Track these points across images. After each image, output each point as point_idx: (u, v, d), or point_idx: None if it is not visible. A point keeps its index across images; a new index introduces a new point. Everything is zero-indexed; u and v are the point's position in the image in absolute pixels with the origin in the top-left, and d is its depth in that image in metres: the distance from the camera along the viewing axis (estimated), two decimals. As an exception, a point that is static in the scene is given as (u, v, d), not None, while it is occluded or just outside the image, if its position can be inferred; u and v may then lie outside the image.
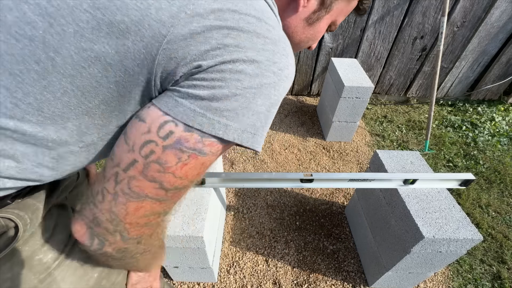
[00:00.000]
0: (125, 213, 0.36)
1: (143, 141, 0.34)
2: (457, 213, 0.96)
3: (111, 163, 0.36)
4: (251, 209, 1.58)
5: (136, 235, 0.39)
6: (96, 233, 0.38)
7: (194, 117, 0.33)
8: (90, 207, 0.37)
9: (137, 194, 0.35)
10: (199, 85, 0.33)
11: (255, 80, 0.34)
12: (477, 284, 1.30)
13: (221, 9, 0.33)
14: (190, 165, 0.35)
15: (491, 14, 1.98)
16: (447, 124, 2.33)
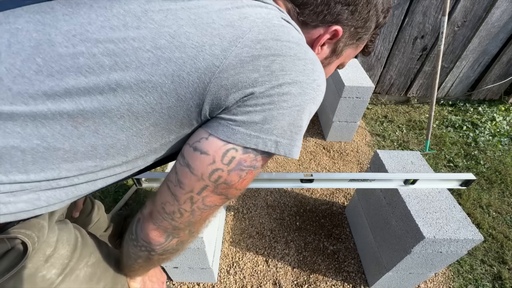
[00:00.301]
0: (199, 218, 0.45)
1: (211, 170, 0.39)
2: (458, 213, 0.96)
3: (182, 190, 0.41)
4: (251, 209, 1.58)
5: (198, 230, 0.50)
6: (172, 233, 0.46)
7: (250, 139, 0.38)
8: (167, 221, 0.44)
9: (209, 206, 0.44)
10: (252, 111, 0.37)
11: (298, 98, 0.39)
12: (478, 284, 1.30)
13: (266, 39, 0.37)
14: (247, 179, 0.42)
15: (492, 13, 1.98)
16: (447, 124, 2.32)
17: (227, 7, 0.39)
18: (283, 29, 0.40)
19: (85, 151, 0.38)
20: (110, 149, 0.39)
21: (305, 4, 0.47)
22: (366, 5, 0.48)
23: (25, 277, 0.43)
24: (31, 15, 0.35)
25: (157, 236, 0.46)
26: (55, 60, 0.33)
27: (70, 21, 0.35)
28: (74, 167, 0.39)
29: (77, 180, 0.40)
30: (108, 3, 0.36)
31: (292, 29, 0.42)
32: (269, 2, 0.43)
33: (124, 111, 0.36)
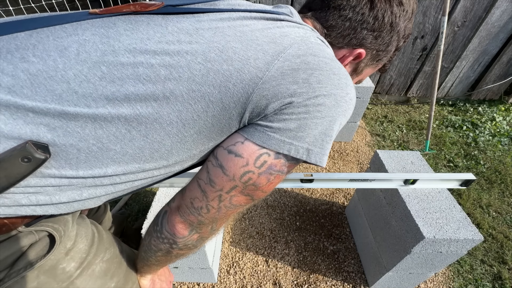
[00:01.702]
0: (223, 216, 0.47)
1: (243, 172, 0.42)
2: (458, 213, 0.96)
3: (213, 188, 0.44)
4: (251, 209, 1.58)
5: (219, 227, 0.51)
6: (197, 227, 0.49)
7: (284, 146, 0.41)
8: (194, 215, 0.47)
9: (235, 205, 0.46)
10: (288, 119, 0.40)
11: (332, 110, 0.42)
12: (478, 284, 1.30)
13: (304, 54, 0.41)
14: (274, 183, 0.45)
15: (492, 13, 1.98)
16: (447, 124, 2.32)
17: (269, 27, 0.43)
18: (319, 46, 0.43)
19: (133, 153, 0.41)
20: (155, 152, 0.42)
21: (333, 27, 0.51)
22: (390, 31, 0.52)
23: (47, 268, 0.46)
24: (97, 29, 0.39)
25: (182, 228, 0.49)
26: (118, 69, 0.37)
27: (131, 36, 0.39)
28: (120, 167, 0.41)
29: (118, 179, 0.43)
30: (163, 21, 0.41)
31: (326, 47, 0.46)
32: (305, 24, 0.47)
33: (174, 117, 0.40)
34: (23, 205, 0.40)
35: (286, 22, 0.45)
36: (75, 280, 0.50)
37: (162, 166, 0.45)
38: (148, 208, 0.95)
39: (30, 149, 0.35)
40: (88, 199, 0.44)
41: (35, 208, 0.41)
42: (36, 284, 0.45)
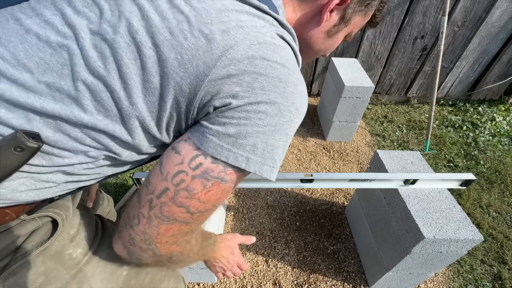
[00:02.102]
0: (156, 234, 0.41)
1: (176, 171, 0.39)
2: (458, 213, 0.96)
3: (146, 190, 0.41)
4: (251, 209, 1.58)
5: (166, 252, 0.45)
6: (131, 251, 0.44)
7: (222, 151, 0.38)
8: (126, 229, 0.43)
9: (167, 217, 0.41)
10: (228, 122, 0.38)
11: (274, 119, 0.39)
12: (478, 284, 1.30)
13: (254, 56, 0.38)
14: (212, 191, 0.40)
15: (492, 13, 1.98)
16: (447, 124, 2.32)
17: (228, 8, 0.39)
18: (273, 47, 0.40)
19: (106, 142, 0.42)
20: (125, 144, 0.43)
21: None
22: None
23: (52, 253, 0.47)
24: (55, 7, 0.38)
25: (118, 248, 0.45)
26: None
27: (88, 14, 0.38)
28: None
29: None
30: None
31: (282, 48, 0.41)
32: (269, 12, 0.42)
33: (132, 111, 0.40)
34: (21, 191, 0.40)
35: (247, 5, 0.41)
36: (83, 267, 0.50)
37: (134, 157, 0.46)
38: (148, 208, 0.95)
39: (21, 138, 0.35)
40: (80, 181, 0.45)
41: (33, 193, 0.42)
42: (43, 269, 0.45)
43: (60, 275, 0.47)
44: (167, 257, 0.47)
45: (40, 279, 0.45)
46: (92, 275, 0.50)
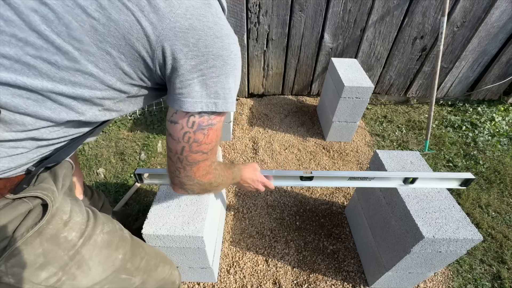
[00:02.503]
0: (194, 174, 0.60)
1: (182, 134, 0.54)
2: (457, 213, 0.96)
3: (172, 153, 0.57)
4: (251, 209, 1.58)
5: (206, 180, 0.64)
6: (186, 188, 0.64)
7: (197, 105, 0.51)
8: (175, 179, 0.61)
9: (194, 162, 0.58)
10: (191, 83, 0.50)
11: (222, 69, 0.51)
12: (477, 284, 1.30)
13: (191, 17, 0.46)
14: (210, 134, 0.56)
15: (491, 14, 1.98)
16: (447, 124, 2.33)
17: None
18: (204, 8, 0.48)
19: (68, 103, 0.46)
20: (88, 101, 0.47)
21: None
22: None
23: (48, 236, 0.50)
24: None
25: (179, 191, 0.65)
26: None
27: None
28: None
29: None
30: None
31: (209, 7, 0.49)
32: None
33: (92, 68, 0.44)
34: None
35: None
36: (80, 249, 0.54)
37: (99, 113, 0.51)
38: (149, 208, 0.95)
39: None
40: (51, 144, 0.50)
41: (6, 160, 0.44)
42: (41, 250, 0.49)
43: (58, 256, 0.51)
44: (209, 183, 0.65)
45: (40, 260, 0.48)
46: (90, 257, 0.55)
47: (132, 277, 0.65)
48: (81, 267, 0.54)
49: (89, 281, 0.55)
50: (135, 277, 0.66)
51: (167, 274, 0.79)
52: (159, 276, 0.75)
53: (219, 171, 0.69)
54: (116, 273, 0.60)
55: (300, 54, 2.27)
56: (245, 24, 2.05)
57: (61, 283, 0.51)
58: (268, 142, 2.06)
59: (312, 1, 1.95)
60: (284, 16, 2.02)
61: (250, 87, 2.51)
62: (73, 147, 0.55)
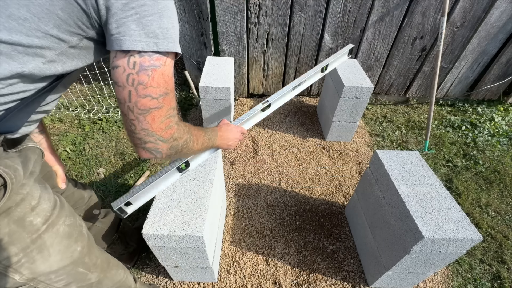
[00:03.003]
0: (149, 125, 0.56)
1: (125, 77, 0.52)
2: (457, 213, 0.96)
3: (121, 105, 0.54)
4: (251, 209, 1.58)
5: (168, 136, 0.60)
6: (148, 148, 0.59)
7: (136, 44, 0.50)
8: (133, 137, 0.57)
9: (145, 109, 0.54)
10: (126, 22, 0.50)
11: (154, 8, 0.51)
12: (477, 284, 1.30)
13: None
14: (155, 76, 0.53)
15: (491, 14, 1.98)
16: (446, 124, 2.33)
17: None
18: None
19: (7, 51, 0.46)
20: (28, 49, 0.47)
21: None
22: None
23: (16, 218, 0.52)
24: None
25: (143, 154, 0.61)
26: None
27: None
28: None
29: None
30: None
31: None
32: None
33: (25, 13, 0.45)
34: None
35: None
36: (42, 235, 0.55)
37: (43, 66, 0.50)
38: (149, 208, 0.96)
39: None
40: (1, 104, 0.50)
41: None
42: (7, 230, 0.50)
43: (21, 238, 0.52)
44: (173, 140, 0.62)
45: (6, 239, 0.50)
46: (51, 244, 0.57)
47: (89, 273, 0.67)
48: (42, 252, 0.55)
49: (47, 267, 0.56)
50: (92, 273, 0.67)
51: (122, 278, 0.81)
52: (115, 278, 0.77)
53: (184, 128, 0.67)
54: (73, 265, 0.62)
55: (300, 54, 2.27)
56: (245, 24, 2.05)
57: (20, 264, 0.52)
58: (268, 142, 2.06)
59: (312, 1, 1.95)
60: (284, 16, 2.03)
61: (250, 87, 2.51)
62: (27, 112, 0.55)
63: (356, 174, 1.84)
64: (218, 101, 1.79)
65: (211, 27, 2.08)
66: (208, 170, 1.08)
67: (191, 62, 2.34)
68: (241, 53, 2.23)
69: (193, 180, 1.04)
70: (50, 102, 0.62)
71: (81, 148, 1.96)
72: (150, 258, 1.34)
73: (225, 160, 1.91)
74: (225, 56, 2.22)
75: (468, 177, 1.84)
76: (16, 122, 0.55)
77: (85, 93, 2.48)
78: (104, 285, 0.72)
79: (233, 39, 2.14)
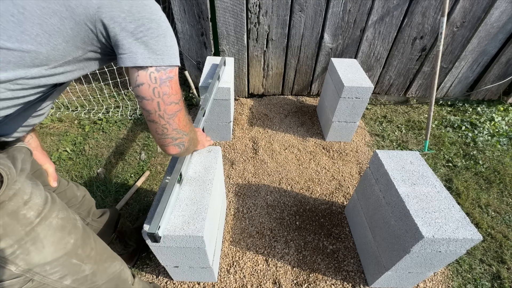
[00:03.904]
0: (177, 125, 0.72)
1: (152, 91, 0.63)
2: (457, 213, 0.96)
3: (152, 115, 0.66)
4: (251, 209, 1.58)
5: (188, 130, 0.78)
6: (178, 144, 0.77)
7: (147, 60, 0.60)
8: (165, 138, 0.73)
9: (172, 114, 0.68)
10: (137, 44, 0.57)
11: (158, 30, 0.59)
12: (477, 284, 1.30)
13: None
14: (172, 85, 0.65)
15: (491, 14, 1.98)
16: (446, 124, 2.33)
17: None
18: None
19: (15, 61, 0.50)
20: (34, 60, 0.52)
21: None
22: None
23: (9, 211, 0.54)
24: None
25: (172, 150, 0.78)
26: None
27: None
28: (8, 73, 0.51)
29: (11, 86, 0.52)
30: None
31: None
32: None
33: (38, 30, 0.50)
34: None
35: None
36: (35, 227, 0.57)
37: (46, 72, 0.55)
38: (149, 207, 0.96)
39: None
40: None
41: None
42: (1, 222, 0.53)
43: (16, 230, 0.54)
44: (191, 132, 0.81)
45: (0, 231, 0.52)
46: (45, 237, 0.59)
47: (83, 264, 0.68)
48: (36, 243, 0.57)
49: (41, 258, 0.58)
50: (86, 265, 0.69)
51: (117, 270, 0.81)
52: (109, 270, 0.78)
53: (190, 121, 0.83)
54: (67, 256, 0.64)
55: (300, 54, 2.27)
56: (245, 24, 2.05)
57: (15, 256, 0.55)
58: (268, 142, 2.06)
59: (312, 1, 1.95)
60: (284, 17, 2.03)
61: (250, 87, 2.51)
62: (24, 116, 0.59)
63: (356, 174, 1.84)
64: (218, 101, 1.79)
65: (211, 27, 2.08)
66: (208, 170, 1.08)
67: (191, 62, 2.34)
68: (241, 53, 2.23)
69: (193, 180, 1.04)
70: (45, 107, 0.67)
71: (81, 148, 1.96)
72: (150, 258, 1.34)
73: (225, 160, 1.91)
74: (225, 56, 2.22)
75: (468, 177, 1.84)
76: (13, 126, 0.57)
77: (85, 93, 2.48)
78: (98, 277, 0.73)
79: (233, 39, 2.14)
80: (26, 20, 0.48)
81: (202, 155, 1.15)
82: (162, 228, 0.86)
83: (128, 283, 0.87)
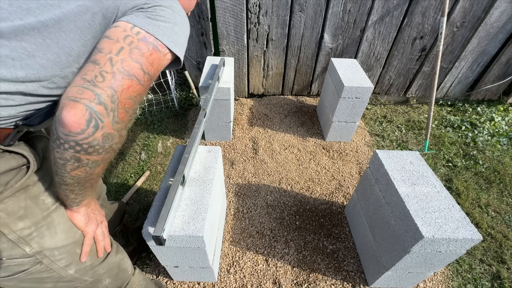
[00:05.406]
0: (121, 89, 0.50)
1: (124, 35, 0.51)
2: (457, 213, 0.96)
3: (102, 54, 0.50)
4: (251, 209, 1.58)
5: (121, 120, 0.52)
6: (95, 112, 0.47)
7: (148, 28, 0.54)
8: (89, 89, 0.47)
9: (128, 72, 0.51)
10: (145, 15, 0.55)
11: (172, 17, 0.58)
12: (477, 284, 1.30)
13: None
14: (154, 55, 0.55)
15: (491, 14, 1.98)
16: (446, 124, 2.33)
17: None
18: None
19: (53, 58, 0.50)
20: (68, 57, 0.51)
21: None
22: None
23: (32, 195, 0.58)
24: None
25: (76, 116, 0.45)
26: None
27: None
28: (47, 72, 0.50)
29: (49, 85, 0.52)
30: None
31: None
32: None
33: (72, 27, 0.50)
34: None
35: None
36: (51, 213, 0.61)
37: (76, 69, 0.54)
38: (149, 207, 0.96)
39: None
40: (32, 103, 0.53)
41: None
42: (24, 204, 0.56)
43: (35, 214, 0.58)
44: (121, 129, 0.53)
45: (21, 212, 0.55)
46: (58, 223, 0.62)
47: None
48: (50, 229, 0.61)
49: (52, 243, 0.61)
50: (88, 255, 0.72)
51: (117, 259, 0.82)
52: (110, 259, 0.80)
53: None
54: (73, 245, 0.66)
55: (300, 54, 2.27)
56: (245, 24, 2.05)
57: (31, 238, 0.57)
58: (268, 142, 2.06)
59: (312, 2, 1.95)
60: (284, 17, 2.03)
61: (250, 87, 2.51)
62: (49, 112, 0.59)
63: (356, 174, 1.84)
64: (218, 101, 1.79)
65: (211, 27, 2.08)
66: (208, 170, 1.08)
67: (191, 62, 2.34)
68: (241, 53, 2.23)
69: (193, 180, 1.04)
70: None
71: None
72: (150, 258, 1.34)
73: (225, 160, 1.91)
74: (225, 56, 2.22)
75: (468, 177, 1.84)
76: (36, 119, 0.58)
77: (85, 93, 2.48)
78: (98, 267, 0.76)
79: (233, 39, 2.14)
80: (64, 17, 0.49)
81: (202, 155, 1.15)
82: (166, 231, 0.85)
83: (128, 273, 0.88)
